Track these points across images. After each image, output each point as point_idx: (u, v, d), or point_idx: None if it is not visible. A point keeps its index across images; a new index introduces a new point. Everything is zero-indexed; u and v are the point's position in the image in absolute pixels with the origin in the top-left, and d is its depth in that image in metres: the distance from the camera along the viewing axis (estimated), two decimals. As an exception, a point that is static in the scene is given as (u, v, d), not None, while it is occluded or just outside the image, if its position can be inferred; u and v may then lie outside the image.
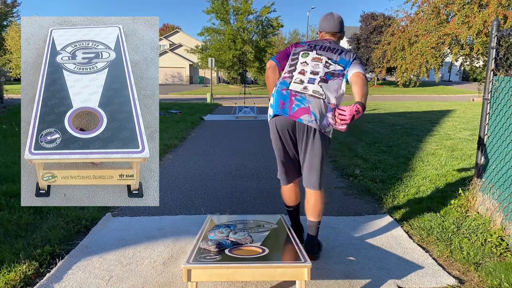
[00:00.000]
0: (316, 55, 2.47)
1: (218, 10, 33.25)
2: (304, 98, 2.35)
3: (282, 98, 2.40)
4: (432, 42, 16.69)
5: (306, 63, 2.46)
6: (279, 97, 2.42)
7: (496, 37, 3.17)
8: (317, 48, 2.52)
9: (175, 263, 2.51)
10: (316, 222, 2.53)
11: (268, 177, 4.74)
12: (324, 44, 2.54)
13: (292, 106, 2.36)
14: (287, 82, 2.45)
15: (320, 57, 2.46)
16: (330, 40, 2.57)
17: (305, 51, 2.52)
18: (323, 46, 2.52)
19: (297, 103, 2.35)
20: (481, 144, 3.33)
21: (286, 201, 2.72)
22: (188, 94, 27.70)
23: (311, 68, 2.43)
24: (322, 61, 2.45)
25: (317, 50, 2.50)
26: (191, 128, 9.38)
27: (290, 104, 2.37)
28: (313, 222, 2.53)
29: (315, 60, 2.46)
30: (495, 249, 2.66)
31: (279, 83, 2.49)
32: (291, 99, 2.37)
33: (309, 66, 2.44)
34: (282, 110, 2.38)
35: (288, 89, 2.41)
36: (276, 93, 2.47)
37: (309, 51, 2.51)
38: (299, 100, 2.36)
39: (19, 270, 2.32)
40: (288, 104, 2.37)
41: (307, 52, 2.51)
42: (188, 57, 44.05)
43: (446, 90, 31.54)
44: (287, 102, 2.38)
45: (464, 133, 8.24)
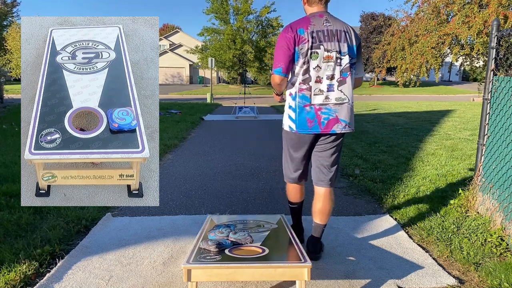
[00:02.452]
0: (325, 52, 2.28)
1: (217, 10, 33.28)
2: (330, 109, 2.32)
3: (309, 116, 2.32)
4: (432, 42, 16.70)
5: (319, 67, 2.29)
6: (305, 115, 2.33)
7: (496, 37, 3.18)
8: (321, 38, 2.28)
9: (175, 263, 2.51)
10: (323, 225, 2.52)
11: (268, 177, 4.74)
12: (323, 27, 2.29)
13: (321, 121, 2.32)
14: (307, 96, 2.31)
15: (330, 54, 2.29)
16: (322, 13, 2.33)
17: (314, 51, 2.27)
18: (325, 32, 2.29)
19: (325, 117, 2.32)
20: (481, 144, 3.33)
21: (292, 198, 2.71)
22: (188, 94, 27.71)
23: (326, 72, 2.30)
24: (333, 58, 2.29)
25: (323, 42, 2.27)
26: (191, 128, 9.38)
27: (319, 119, 2.32)
28: (320, 225, 2.51)
29: (326, 60, 2.29)
30: (495, 249, 2.66)
31: (299, 98, 2.33)
32: (317, 114, 2.32)
33: (322, 70, 2.29)
34: (313, 128, 2.34)
35: (311, 104, 2.31)
36: (298, 108, 2.34)
37: (316, 48, 2.27)
38: (326, 112, 2.32)
39: (19, 270, 2.32)
40: (316, 121, 2.32)
41: (315, 52, 2.27)
42: (188, 57, 44.10)
43: (446, 90, 31.54)
44: (315, 119, 2.32)
45: (464, 133, 8.24)
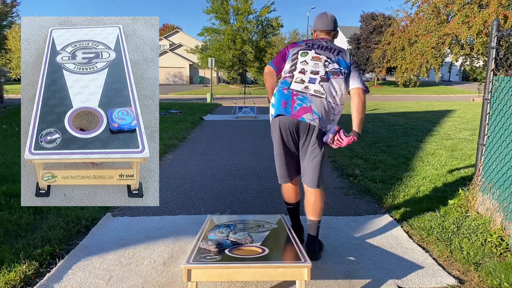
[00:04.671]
0: (315, 54, 2.49)
1: (217, 10, 33.25)
2: (306, 97, 2.38)
3: (284, 98, 2.42)
4: (432, 42, 16.71)
5: (306, 62, 2.47)
6: (281, 97, 2.44)
7: (496, 37, 3.18)
8: (315, 47, 2.53)
9: (175, 263, 2.51)
10: (316, 221, 2.54)
11: (268, 177, 4.74)
12: (321, 43, 2.56)
13: (294, 105, 2.38)
14: (288, 81, 2.46)
15: (319, 56, 2.48)
16: (325, 39, 2.59)
17: (304, 50, 2.52)
18: (320, 45, 2.54)
19: (299, 102, 2.37)
20: (481, 144, 3.33)
21: (286, 198, 2.73)
22: (188, 94, 27.70)
23: (311, 68, 2.45)
24: (322, 60, 2.47)
25: (315, 49, 2.51)
26: (191, 128, 9.37)
27: (292, 103, 2.38)
28: (313, 222, 2.54)
29: (315, 59, 2.47)
30: (495, 249, 2.66)
31: (281, 83, 2.50)
32: (293, 98, 2.39)
33: (309, 66, 2.46)
34: (285, 109, 2.39)
35: (289, 88, 2.43)
36: (277, 92, 2.48)
37: (307, 50, 2.52)
38: (301, 99, 2.38)
39: (19, 270, 2.32)
40: (290, 104, 2.39)
41: (306, 52, 2.51)
42: (188, 57, 44.06)
43: (446, 90, 31.54)
44: (289, 102, 2.39)
45: (464, 133, 8.24)
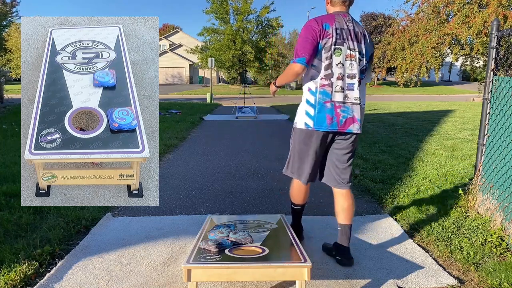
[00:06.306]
0: (349, 50, 2.34)
1: (217, 10, 33.26)
2: (348, 107, 2.34)
3: (329, 113, 2.33)
4: (432, 42, 16.73)
5: (342, 64, 2.32)
6: (325, 112, 2.34)
7: (496, 37, 3.18)
8: (344, 36, 2.33)
9: (175, 263, 2.51)
10: (350, 225, 2.51)
11: (268, 177, 4.74)
12: (346, 26, 2.35)
13: (339, 119, 2.33)
14: (328, 92, 2.33)
15: (353, 53, 2.34)
16: (345, 14, 2.40)
17: (337, 47, 2.31)
18: (348, 32, 2.35)
19: (344, 115, 2.33)
20: (481, 144, 3.33)
21: (299, 200, 2.70)
22: (188, 94, 27.71)
23: (348, 71, 2.34)
24: (355, 57, 2.35)
25: (346, 41, 2.33)
26: (191, 128, 9.37)
27: (337, 117, 2.33)
28: (347, 226, 2.50)
29: (349, 59, 2.34)
30: (495, 249, 2.66)
31: (320, 93, 2.34)
32: (337, 111, 2.33)
33: (345, 68, 2.33)
34: (331, 125, 2.34)
35: (331, 101, 2.33)
36: (318, 104, 2.35)
37: (340, 45, 2.32)
38: (344, 111, 2.34)
39: (19, 270, 2.32)
40: (335, 118, 2.33)
41: (339, 49, 2.32)
42: (188, 57, 44.10)
43: (446, 90, 31.56)
44: (334, 116, 2.33)
45: (464, 133, 8.24)
